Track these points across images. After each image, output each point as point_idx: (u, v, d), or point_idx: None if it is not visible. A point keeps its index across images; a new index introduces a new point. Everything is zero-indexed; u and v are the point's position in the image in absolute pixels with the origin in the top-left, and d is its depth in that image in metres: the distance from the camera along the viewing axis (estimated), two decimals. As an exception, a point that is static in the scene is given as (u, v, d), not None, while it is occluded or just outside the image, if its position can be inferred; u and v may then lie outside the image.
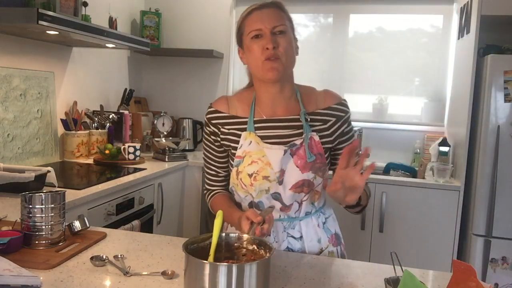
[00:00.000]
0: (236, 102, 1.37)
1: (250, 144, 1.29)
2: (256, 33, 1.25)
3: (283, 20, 1.26)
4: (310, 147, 1.28)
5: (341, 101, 1.35)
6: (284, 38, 1.25)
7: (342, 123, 1.34)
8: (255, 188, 1.29)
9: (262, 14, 1.25)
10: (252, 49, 1.26)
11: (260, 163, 1.27)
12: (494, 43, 2.89)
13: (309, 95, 1.36)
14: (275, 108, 1.32)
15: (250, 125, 1.31)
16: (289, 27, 1.29)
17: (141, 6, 3.57)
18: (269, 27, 1.24)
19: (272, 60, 1.23)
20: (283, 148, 1.27)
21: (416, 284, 0.88)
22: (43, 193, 1.20)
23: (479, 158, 2.61)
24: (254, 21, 1.26)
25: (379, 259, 2.77)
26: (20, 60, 2.37)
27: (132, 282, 1.03)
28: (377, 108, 3.36)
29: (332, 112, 1.33)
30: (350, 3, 3.37)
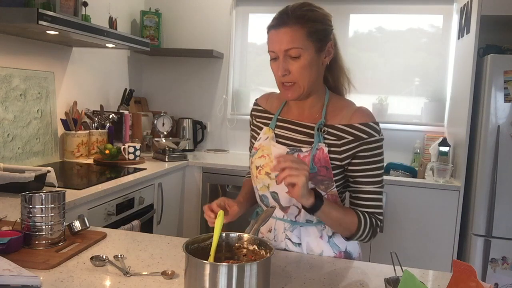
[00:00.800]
0: (275, 98, 1.40)
1: (266, 139, 1.33)
2: (273, 56, 1.22)
3: (298, 41, 1.16)
4: (316, 159, 1.23)
5: (368, 122, 1.22)
6: (298, 63, 1.18)
7: (359, 145, 1.21)
8: (259, 181, 1.33)
9: (277, 36, 1.18)
10: (271, 67, 1.24)
11: (267, 158, 1.30)
12: (494, 43, 2.89)
13: (338, 108, 1.28)
14: (301, 112, 1.32)
15: (273, 122, 1.35)
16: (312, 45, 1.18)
17: (141, 6, 3.57)
18: (281, 50, 1.18)
19: (286, 85, 1.22)
20: (286, 149, 1.27)
21: (416, 284, 0.88)
22: (43, 193, 1.20)
23: (479, 158, 2.61)
24: (270, 42, 1.21)
25: (379, 259, 2.76)
26: (20, 60, 2.37)
27: (132, 282, 1.03)
28: (377, 108, 3.36)
29: (351, 131, 1.22)
30: (350, 3, 3.37)
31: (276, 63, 1.21)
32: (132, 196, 2.27)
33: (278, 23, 1.18)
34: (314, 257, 1.28)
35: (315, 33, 1.19)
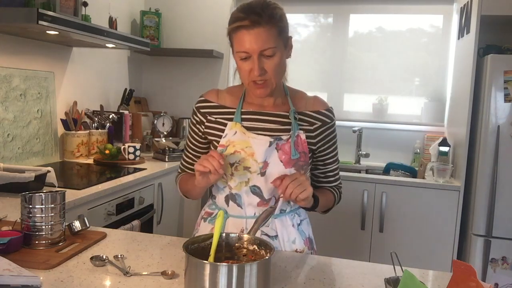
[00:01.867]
0: (226, 94, 1.38)
1: (235, 134, 1.29)
2: (244, 56, 1.20)
3: (272, 40, 1.18)
4: (296, 145, 1.28)
5: (328, 108, 1.37)
6: (272, 61, 1.20)
7: (326, 129, 1.35)
8: (235, 178, 1.29)
9: (250, 36, 1.17)
10: (240, 67, 1.24)
11: (243, 153, 1.27)
12: (494, 43, 2.89)
13: (298, 97, 1.37)
14: (263, 104, 1.33)
15: (237, 116, 1.31)
16: (281, 42, 1.22)
17: (141, 6, 3.57)
18: (257, 50, 1.18)
19: (259, 83, 1.23)
20: (269, 139, 1.27)
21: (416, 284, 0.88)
22: (43, 193, 1.20)
23: (479, 158, 2.61)
24: (241, 42, 1.19)
25: (379, 259, 2.77)
26: (20, 60, 2.37)
27: (132, 282, 1.03)
28: (377, 108, 3.36)
29: (319, 116, 1.34)
30: (350, 3, 3.37)
31: (248, 62, 1.21)
32: (132, 196, 2.27)
33: (251, 24, 1.17)
34: (314, 257, 1.28)
35: (283, 31, 1.23)
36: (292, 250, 1.34)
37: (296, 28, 3.53)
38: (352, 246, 2.87)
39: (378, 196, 2.80)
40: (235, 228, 1.30)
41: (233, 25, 1.20)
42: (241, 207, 1.31)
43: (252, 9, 1.19)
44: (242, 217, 1.31)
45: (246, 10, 1.19)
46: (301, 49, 3.53)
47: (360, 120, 3.38)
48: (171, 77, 3.64)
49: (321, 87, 3.51)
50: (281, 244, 1.32)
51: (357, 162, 3.35)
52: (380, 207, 2.79)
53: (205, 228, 1.39)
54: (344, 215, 2.86)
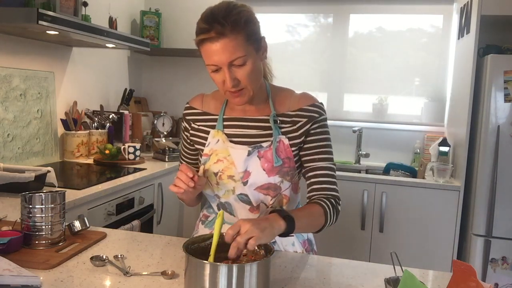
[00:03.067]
0: (211, 99, 1.35)
1: (217, 143, 1.26)
2: (214, 68, 1.15)
3: (241, 49, 1.11)
4: (279, 151, 1.23)
5: (315, 103, 1.28)
6: (244, 70, 1.14)
7: (313, 124, 1.26)
8: (221, 188, 1.27)
9: (216, 48, 1.10)
10: (214, 79, 1.19)
11: (225, 161, 1.25)
12: (494, 43, 2.89)
13: (282, 98, 1.30)
14: (245, 109, 1.29)
15: (219, 123, 1.29)
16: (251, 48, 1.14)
17: (141, 6, 3.57)
18: (225, 62, 1.12)
19: (234, 92, 1.18)
20: (247, 148, 1.23)
21: (416, 284, 0.88)
22: (43, 193, 1.20)
23: (479, 158, 2.61)
24: (209, 55, 1.13)
25: (379, 259, 2.77)
26: (20, 60, 2.36)
27: (132, 282, 1.03)
28: (377, 108, 3.36)
29: (303, 113, 1.26)
30: (350, 3, 3.37)
31: (220, 74, 1.15)
32: (132, 196, 2.27)
33: (215, 35, 1.09)
34: (314, 257, 1.28)
35: (252, 35, 1.15)
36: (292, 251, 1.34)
37: (296, 28, 3.53)
38: (352, 246, 2.87)
39: (378, 196, 2.80)
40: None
41: (198, 38, 1.14)
42: (233, 214, 1.30)
43: (214, 18, 1.10)
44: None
45: (209, 20, 1.11)
46: (301, 49, 3.53)
47: (360, 120, 3.38)
48: (171, 77, 3.64)
49: (321, 87, 3.51)
50: (281, 248, 1.32)
51: (357, 162, 3.35)
52: (380, 207, 2.79)
53: (203, 231, 1.38)
54: (344, 215, 2.85)
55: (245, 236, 0.96)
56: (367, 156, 3.30)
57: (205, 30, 1.11)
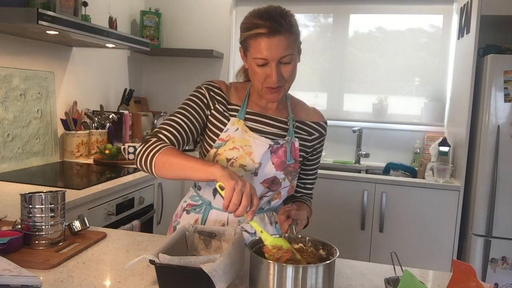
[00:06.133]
0: (233, 89, 1.37)
1: (237, 131, 1.29)
2: (262, 62, 1.20)
3: (291, 47, 1.20)
4: (290, 151, 1.32)
5: (325, 121, 1.44)
6: (289, 67, 1.22)
7: (321, 141, 1.42)
8: None
9: (271, 43, 1.17)
10: (255, 71, 1.23)
11: (241, 150, 1.27)
12: (494, 43, 2.89)
13: (299, 106, 1.41)
14: (266, 106, 1.35)
15: (241, 113, 1.31)
16: (296, 49, 1.25)
17: (141, 6, 3.57)
18: (276, 58, 1.19)
19: (274, 89, 1.24)
20: (269, 142, 1.29)
21: (416, 284, 0.88)
22: (43, 193, 1.20)
23: (479, 158, 2.61)
24: (260, 49, 1.19)
25: (379, 259, 2.77)
26: (20, 60, 2.37)
27: (132, 282, 1.03)
28: (377, 108, 3.36)
29: (318, 128, 1.41)
30: (350, 3, 3.37)
31: (265, 69, 1.21)
32: (132, 196, 2.27)
33: (271, 31, 1.17)
34: (314, 257, 1.28)
35: (298, 39, 1.26)
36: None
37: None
38: (352, 246, 2.87)
39: (378, 196, 2.80)
40: (217, 221, 1.32)
41: (252, 32, 1.19)
42: None
43: (271, 16, 1.18)
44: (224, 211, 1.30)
45: (265, 17, 1.18)
46: (301, 49, 3.53)
47: (360, 120, 3.38)
48: (171, 77, 3.64)
49: (321, 87, 3.51)
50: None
51: (357, 162, 3.35)
52: (380, 207, 2.79)
53: (187, 219, 1.37)
54: (344, 215, 2.86)
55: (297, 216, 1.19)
56: (367, 156, 3.30)
57: (261, 26, 1.18)
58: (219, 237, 1.16)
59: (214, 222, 1.33)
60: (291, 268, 0.90)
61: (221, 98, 1.33)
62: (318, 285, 0.91)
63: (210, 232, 1.17)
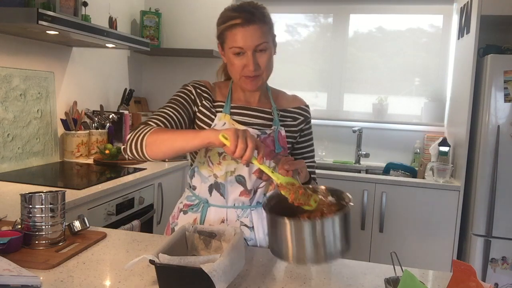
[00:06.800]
0: (217, 87, 1.44)
1: (224, 125, 1.33)
2: (238, 51, 1.26)
3: (266, 36, 1.27)
4: (278, 140, 1.36)
5: (307, 105, 1.49)
6: (265, 55, 1.28)
7: (306, 123, 1.47)
8: (221, 168, 1.32)
9: (245, 32, 1.24)
10: (233, 62, 1.29)
11: None
12: (494, 43, 2.89)
13: (279, 96, 1.46)
14: (249, 100, 1.40)
15: (226, 108, 1.37)
16: (271, 39, 1.31)
17: (141, 6, 3.57)
18: (252, 46, 1.25)
19: (251, 77, 1.29)
20: (256, 132, 1.33)
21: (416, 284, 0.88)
22: (43, 193, 1.20)
23: (479, 158, 2.61)
24: (236, 39, 1.25)
25: (379, 259, 2.77)
26: (20, 60, 2.36)
27: (132, 282, 1.03)
28: (377, 108, 3.36)
29: (301, 112, 1.45)
30: (350, 3, 3.37)
31: (242, 58, 1.27)
32: (132, 196, 2.27)
33: (246, 22, 1.24)
34: (314, 257, 1.28)
35: (272, 29, 1.32)
36: (266, 242, 1.37)
37: (296, 28, 3.53)
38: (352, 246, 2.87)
39: (378, 196, 2.80)
40: (216, 218, 1.35)
41: (227, 24, 1.26)
42: (224, 196, 1.35)
43: (244, 8, 1.27)
44: (224, 206, 1.36)
45: (239, 10, 1.27)
46: (301, 49, 3.53)
47: (360, 120, 3.38)
48: (171, 77, 3.64)
49: (321, 87, 3.51)
50: (256, 236, 1.36)
51: (357, 162, 3.35)
52: (380, 207, 2.79)
53: (185, 220, 1.39)
54: (344, 215, 2.86)
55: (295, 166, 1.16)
56: (367, 156, 3.30)
57: (235, 17, 1.25)
58: (219, 237, 1.16)
59: (213, 219, 1.34)
60: (308, 224, 0.93)
61: (207, 95, 1.38)
62: (336, 236, 0.96)
63: (210, 232, 1.17)
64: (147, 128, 1.21)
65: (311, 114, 1.49)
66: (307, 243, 0.94)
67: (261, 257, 1.24)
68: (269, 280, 1.08)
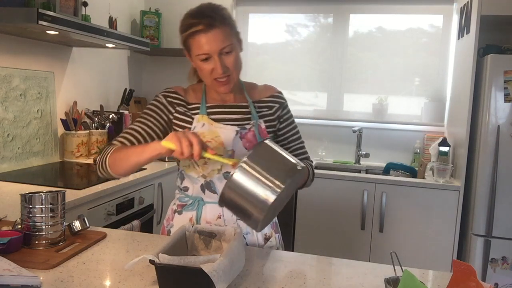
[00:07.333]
0: (190, 90, 1.45)
1: (203, 126, 1.35)
2: (204, 57, 1.27)
3: (229, 38, 1.27)
4: (259, 133, 1.38)
5: (279, 91, 1.50)
6: (232, 57, 1.28)
7: (283, 109, 1.47)
8: (208, 167, 1.34)
9: (208, 38, 1.24)
10: (201, 68, 1.30)
11: (213, 142, 1.33)
12: (494, 43, 2.89)
13: (252, 89, 1.47)
14: (224, 98, 1.41)
15: (202, 109, 1.38)
16: (235, 38, 1.31)
17: (141, 6, 3.57)
18: (216, 50, 1.25)
19: (221, 80, 1.30)
20: (235, 128, 1.34)
21: (416, 284, 0.88)
22: (43, 193, 1.20)
23: (479, 158, 2.61)
24: (200, 45, 1.26)
25: (379, 259, 2.77)
26: (20, 60, 2.37)
27: (132, 282, 1.03)
28: (377, 108, 3.36)
29: (275, 99, 1.46)
30: (350, 3, 3.37)
31: (209, 63, 1.28)
32: (132, 196, 2.27)
33: (207, 26, 1.24)
34: (313, 257, 1.28)
35: (234, 28, 1.32)
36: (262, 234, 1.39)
37: (296, 28, 3.53)
38: (352, 246, 2.87)
39: (378, 196, 2.80)
40: (212, 215, 1.35)
41: (189, 31, 1.27)
42: (217, 193, 1.36)
43: (203, 13, 1.27)
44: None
45: (198, 15, 1.27)
46: (301, 49, 3.53)
47: (360, 120, 3.38)
48: (171, 77, 3.64)
49: (321, 87, 3.51)
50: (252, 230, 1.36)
51: (357, 162, 3.35)
52: (380, 207, 2.79)
53: (180, 220, 1.39)
54: (344, 215, 2.86)
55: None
56: (367, 156, 3.30)
57: (196, 24, 1.25)
58: (219, 237, 1.16)
59: (210, 216, 1.35)
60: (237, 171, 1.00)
61: (179, 101, 1.40)
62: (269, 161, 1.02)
63: (210, 232, 1.17)
64: (109, 149, 1.29)
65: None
66: (253, 185, 0.98)
67: (261, 257, 1.24)
68: (269, 280, 1.08)
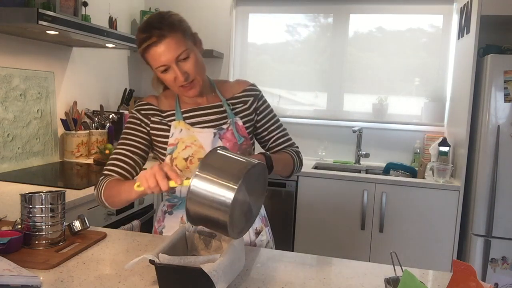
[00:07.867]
0: (163, 98, 1.44)
1: (181, 132, 1.35)
2: (163, 68, 1.27)
3: (182, 44, 1.26)
4: (237, 131, 1.38)
5: (251, 84, 1.49)
6: (190, 61, 1.28)
7: (258, 100, 1.46)
8: (191, 171, 1.34)
9: (161, 49, 1.24)
10: (164, 79, 1.30)
11: (193, 147, 1.34)
12: (494, 43, 2.89)
13: (224, 86, 1.47)
14: (197, 100, 1.41)
15: (178, 115, 1.38)
16: (190, 42, 1.29)
17: (141, 6, 3.57)
18: (172, 59, 1.25)
19: (188, 86, 1.30)
20: (212, 131, 1.35)
21: (416, 284, 0.88)
22: (43, 193, 1.21)
23: (479, 158, 2.61)
24: (156, 58, 1.26)
25: (379, 259, 2.77)
26: (20, 60, 2.37)
27: (132, 282, 1.03)
28: (377, 108, 3.36)
29: (248, 93, 1.46)
30: (350, 3, 3.37)
31: (169, 73, 1.28)
32: (132, 196, 2.27)
33: (157, 39, 1.24)
34: (313, 257, 1.28)
35: (187, 31, 1.31)
36: (253, 229, 1.40)
37: (296, 28, 3.53)
38: (352, 246, 2.87)
39: (378, 196, 2.80)
40: None
41: (142, 46, 1.28)
42: None
43: (151, 26, 1.26)
44: None
45: (147, 29, 1.26)
46: (301, 49, 3.53)
47: (360, 120, 3.38)
48: (171, 77, 3.64)
49: (321, 87, 3.51)
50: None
51: (357, 162, 3.35)
52: (380, 207, 2.79)
53: (172, 220, 1.40)
54: (344, 215, 2.86)
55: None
56: (367, 156, 3.30)
57: (147, 38, 1.26)
58: (219, 237, 1.16)
59: None
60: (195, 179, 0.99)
61: (153, 111, 1.40)
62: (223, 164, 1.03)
63: (210, 232, 1.17)
64: (103, 183, 1.32)
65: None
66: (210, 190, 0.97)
67: (261, 257, 1.24)
68: (269, 280, 1.08)
